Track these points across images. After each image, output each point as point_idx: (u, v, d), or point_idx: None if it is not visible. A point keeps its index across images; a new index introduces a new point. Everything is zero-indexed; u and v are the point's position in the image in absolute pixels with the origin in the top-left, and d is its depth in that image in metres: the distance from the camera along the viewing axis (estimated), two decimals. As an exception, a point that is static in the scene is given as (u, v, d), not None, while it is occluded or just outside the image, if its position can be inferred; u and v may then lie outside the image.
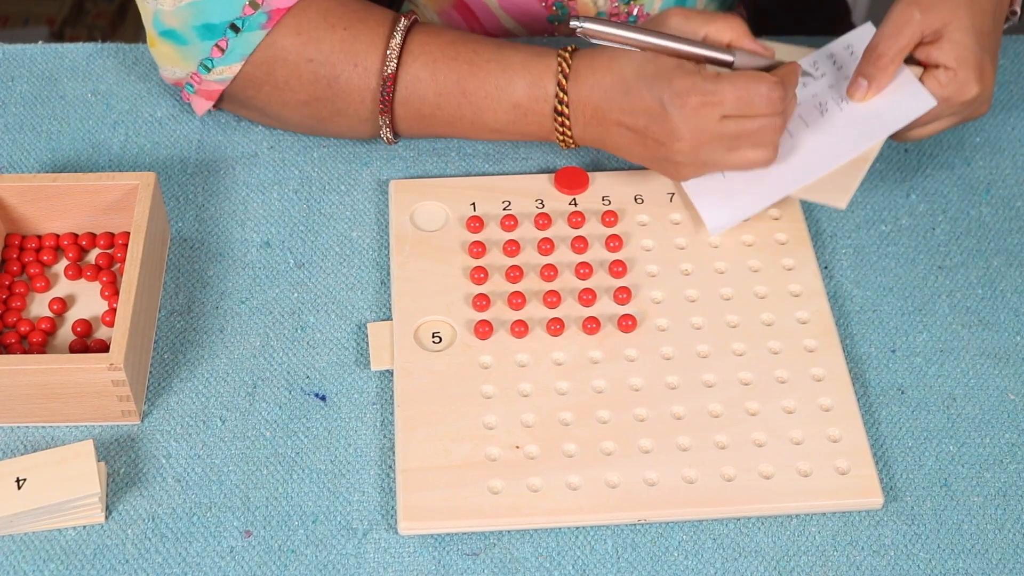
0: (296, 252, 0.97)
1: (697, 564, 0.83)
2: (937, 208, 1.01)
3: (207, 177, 1.01)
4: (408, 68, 0.94)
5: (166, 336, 0.92)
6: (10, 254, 0.95)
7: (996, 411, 0.90)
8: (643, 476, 0.84)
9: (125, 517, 0.84)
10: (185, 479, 0.85)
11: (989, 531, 0.84)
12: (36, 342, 0.90)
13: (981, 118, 1.07)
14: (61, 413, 0.86)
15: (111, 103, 1.06)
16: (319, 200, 1.00)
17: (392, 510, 0.84)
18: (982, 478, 0.87)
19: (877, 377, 0.92)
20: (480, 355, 0.90)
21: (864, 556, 0.83)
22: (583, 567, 0.82)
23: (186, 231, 0.98)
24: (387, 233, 0.98)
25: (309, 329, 0.93)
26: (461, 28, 1.15)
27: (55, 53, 1.10)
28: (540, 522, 0.83)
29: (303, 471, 0.86)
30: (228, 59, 0.94)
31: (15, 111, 1.05)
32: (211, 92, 0.97)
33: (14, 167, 1.02)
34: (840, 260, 0.98)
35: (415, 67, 0.94)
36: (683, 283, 0.94)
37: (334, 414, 0.89)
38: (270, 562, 0.82)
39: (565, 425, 0.86)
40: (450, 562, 0.82)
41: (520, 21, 1.13)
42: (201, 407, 0.89)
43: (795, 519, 0.85)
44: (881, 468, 0.87)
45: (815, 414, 0.87)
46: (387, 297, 0.95)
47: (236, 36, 0.93)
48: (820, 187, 0.94)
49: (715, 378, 0.89)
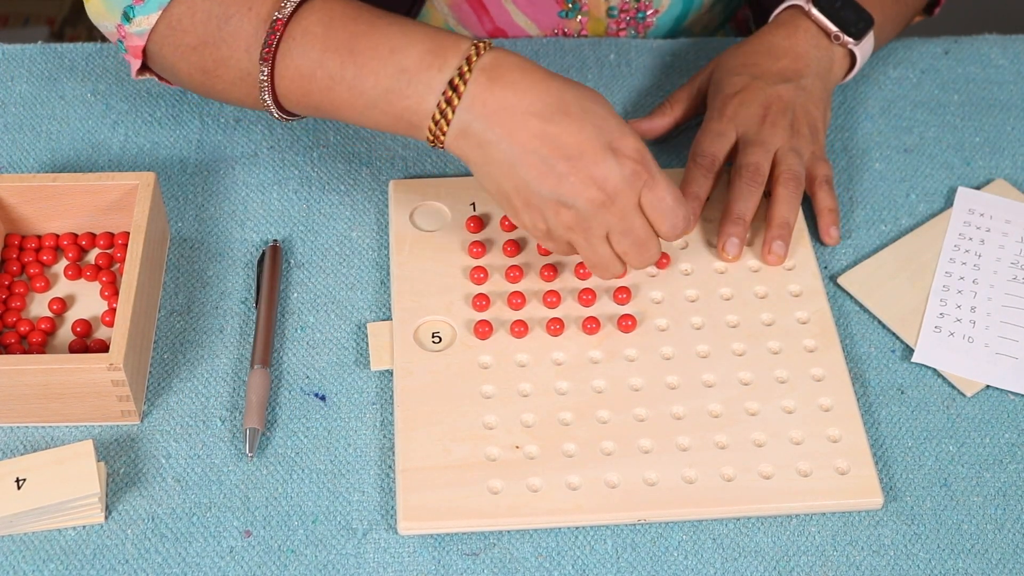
0: (296, 252, 0.97)
1: (697, 564, 0.83)
2: (937, 208, 1.01)
3: (207, 177, 1.01)
4: (301, 20, 0.86)
5: (166, 336, 0.92)
6: (10, 254, 0.95)
7: (996, 411, 0.90)
8: (643, 476, 0.84)
9: (125, 517, 0.84)
10: (185, 479, 0.85)
11: (989, 531, 0.84)
12: (36, 342, 0.90)
13: (981, 118, 1.07)
14: (61, 413, 0.86)
15: (111, 103, 1.06)
16: (319, 200, 1.00)
17: (392, 510, 0.84)
18: (982, 478, 0.87)
19: (877, 377, 0.91)
20: (480, 355, 0.90)
21: (864, 556, 0.83)
22: (583, 567, 0.82)
23: (186, 231, 0.98)
24: (387, 233, 0.98)
25: (309, 329, 0.93)
26: (472, 22, 1.15)
27: (55, 53, 1.10)
28: (540, 522, 0.83)
29: (303, 471, 0.86)
30: (147, 8, 0.89)
31: (15, 111, 1.05)
32: (135, 49, 0.92)
33: (14, 167, 1.02)
34: (840, 260, 0.98)
35: (310, 20, 0.86)
36: (683, 283, 0.94)
37: (334, 414, 0.89)
38: (270, 562, 0.82)
39: (565, 425, 0.86)
40: (450, 562, 0.82)
41: (531, 16, 1.13)
42: (201, 407, 0.89)
43: (795, 519, 0.85)
44: (881, 468, 0.87)
45: (815, 414, 0.87)
46: (387, 297, 0.95)
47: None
48: None
49: (715, 378, 0.89)
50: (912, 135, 1.06)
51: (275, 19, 0.85)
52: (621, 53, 1.12)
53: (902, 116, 1.08)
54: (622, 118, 0.86)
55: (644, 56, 1.12)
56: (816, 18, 1.01)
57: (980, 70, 1.11)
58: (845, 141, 1.06)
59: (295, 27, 0.86)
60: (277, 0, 0.86)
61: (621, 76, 1.10)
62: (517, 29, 1.14)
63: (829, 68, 1.01)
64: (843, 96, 1.09)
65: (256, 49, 0.86)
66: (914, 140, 1.06)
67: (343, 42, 0.85)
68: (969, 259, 0.97)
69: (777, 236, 0.94)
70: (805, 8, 1.01)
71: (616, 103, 1.08)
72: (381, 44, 0.84)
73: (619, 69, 1.10)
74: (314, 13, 0.86)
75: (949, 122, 1.07)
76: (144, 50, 0.92)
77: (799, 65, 1.00)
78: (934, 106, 1.09)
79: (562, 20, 1.13)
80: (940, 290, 0.95)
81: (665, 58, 1.11)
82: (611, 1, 1.12)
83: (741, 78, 0.99)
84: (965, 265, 0.97)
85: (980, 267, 0.96)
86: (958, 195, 1.01)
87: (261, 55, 0.86)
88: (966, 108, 1.08)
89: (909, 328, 0.93)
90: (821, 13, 1.01)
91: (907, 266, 0.97)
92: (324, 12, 0.86)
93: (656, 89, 1.09)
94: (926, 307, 0.94)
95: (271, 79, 0.87)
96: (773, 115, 0.97)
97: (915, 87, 1.10)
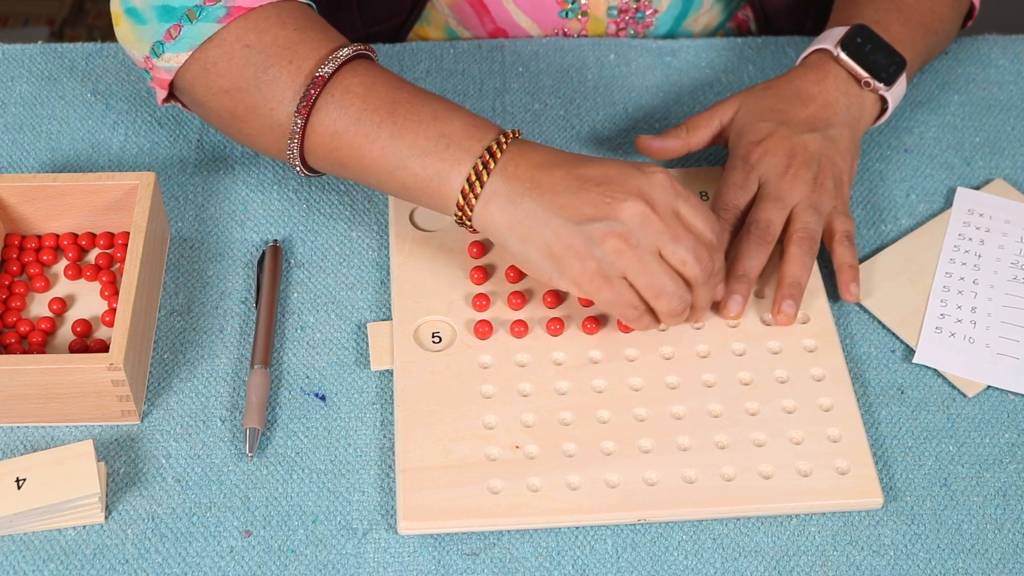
0: (296, 252, 0.97)
1: (697, 564, 0.83)
2: (937, 208, 1.01)
3: (207, 177, 1.01)
4: (342, 79, 0.87)
5: (166, 336, 0.92)
6: (10, 254, 0.95)
7: (996, 411, 0.90)
8: (643, 476, 0.84)
9: (125, 517, 0.84)
10: (185, 479, 0.85)
11: (989, 531, 0.84)
12: (36, 342, 0.90)
13: (981, 118, 1.07)
14: (61, 413, 0.86)
15: (111, 103, 1.06)
16: (319, 200, 1.00)
17: (392, 510, 0.84)
18: (982, 478, 0.87)
19: (877, 377, 0.91)
20: (480, 355, 0.90)
21: (864, 556, 0.83)
22: (583, 567, 0.82)
23: (186, 231, 0.98)
24: (387, 233, 0.98)
25: (309, 329, 0.93)
26: (473, 23, 1.15)
27: (55, 53, 1.10)
28: (540, 522, 0.83)
29: (303, 471, 0.86)
30: (177, 46, 0.90)
31: (15, 111, 1.05)
32: (162, 81, 0.93)
33: (14, 167, 1.02)
34: (840, 260, 0.98)
35: (352, 81, 0.87)
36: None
37: (334, 414, 0.89)
38: (270, 562, 0.82)
39: (565, 425, 0.86)
40: (450, 562, 0.82)
41: (531, 16, 1.13)
42: (201, 407, 0.89)
43: (795, 519, 0.85)
44: (881, 468, 0.87)
45: (815, 414, 0.87)
46: (387, 297, 0.95)
47: (191, 24, 0.89)
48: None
49: (715, 378, 0.89)
50: (912, 135, 1.06)
51: (317, 76, 0.87)
52: (621, 53, 1.12)
53: (902, 116, 1.08)
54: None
55: (644, 56, 1.12)
56: (845, 63, 0.97)
57: (980, 70, 1.11)
58: (845, 141, 1.06)
59: (335, 85, 0.87)
60: (320, 58, 0.88)
61: (621, 76, 1.10)
62: (518, 29, 1.14)
63: (859, 116, 0.98)
64: (843, 96, 1.09)
65: (292, 102, 0.88)
66: (914, 140, 1.06)
67: (384, 105, 0.86)
68: (969, 259, 0.97)
69: (788, 296, 0.91)
70: (833, 53, 0.98)
71: (616, 103, 1.08)
72: (424, 111, 0.86)
73: (619, 69, 1.11)
74: (357, 75, 0.88)
75: (949, 122, 1.07)
76: (171, 83, 0.93)
77: (827, 113, 0.97)
78: (934, 106, 1.09)
79: (563, 20, 1.13)
80: (940, 291, 0.95)
81: (665, 58, 1.11)
82: (611, 1, 1.12)
83: (767, 124, 0.96)
84: (965, 265, 0.97)
85: (980, 267, 0.96)
86: (958, 195, 1.01)
87: (298, 108, 0.87)
88: (966, 108, 1.08)
89: (910, 329, 0.93)
90: (850, 58, 0.97)
91: (907, 267, 0.97)
92: (367, 75, 0.88)
93: (656, 89, 1.09)
94: (926, 308, 0.94)
95: (302, 133, 0.88)
96: (796, 167, 0.94)
97: (915, 87, 1.10)
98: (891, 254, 0.98)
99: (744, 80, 1.10)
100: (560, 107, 1.08)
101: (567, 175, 0.83)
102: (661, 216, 0.83)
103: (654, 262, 0.83)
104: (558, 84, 1.09)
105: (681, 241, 0.83)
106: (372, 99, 0.87)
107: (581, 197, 0.82)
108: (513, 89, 1.09)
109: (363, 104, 0.87)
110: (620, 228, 0.82)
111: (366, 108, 0.86)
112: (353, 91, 0.87)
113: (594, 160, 0.85)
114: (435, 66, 1.10)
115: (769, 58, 1.12)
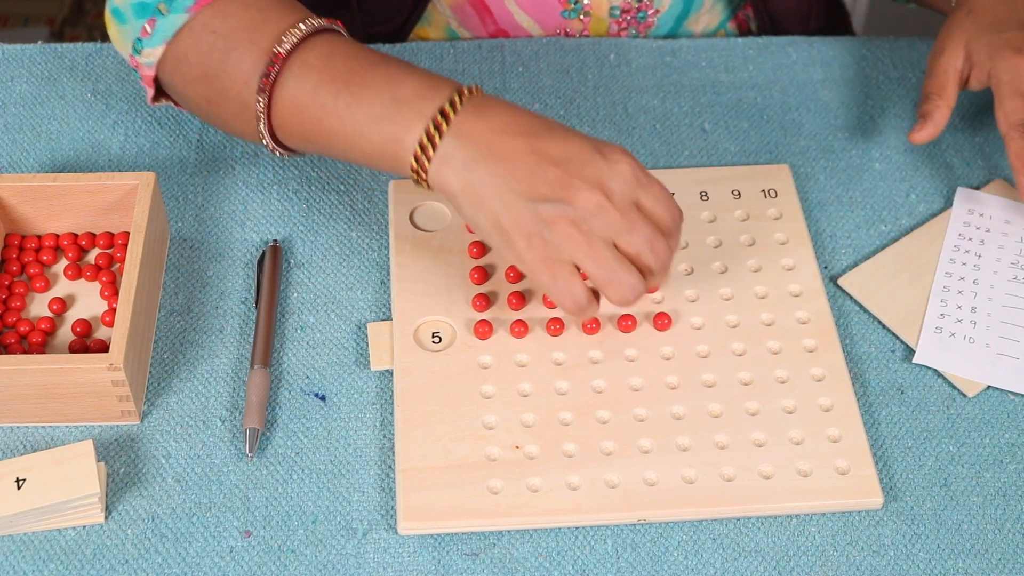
0: (296, 252, 0.97)
1: (697, 564, 0.83)
2: (937, 208, 1.01)
3: (207, 177, 1.01)
4: (301, 54, 0.87)
5: (166, 336, 0.92)
6: (10, 254, 0.95)
7: (996, 411, 0.90)
8: (643, 476, 0.84)
9: (125, 517, 0.84)
10: (185, 479, 0.85)
11: (989, 531, 0.84)
12: (36, 342, 0.90)
13: (980, 117, 1.07)
14: (61, 413, 0.86)
15: (111, 103, 1.06)
16: (319, 200, 1.00)
17: (392, 510, 0.84)
18: (982, 478, 0.87)
19: (877, 377, 0.91)
20: (480, 355, 0.90)
21: (864, 556, 0.83)
22: (583, 567, 0.82)
23: (186, 231, 0.98)
24: (387, 233, 0.98)
25: (309, 329, 0.93)
26: (474, 24, 1.15)
27: (55, 53, 1.10)
28: (540, 522, 0.83)
29: (303, 471, 0.86)
30: (153, 41, 0.90)
31: (15, 111, 1.05)
32: (147, 78, 0.93)
33: (14, 167, 1.02)
34: (840, 260, 0.98)
35: (310, 55, 0.87)
36: (683, 283, 0.94)
37: (334, 414, 0.89)
38: (270, 562, 0.82)
39: (565, 425, 0.86)
40: (450, 562, 0.82)
41: (533, 16, 1.13)
42: (201, 407, 0.89)
43: (795, 519, 0.85)
44: (881, 468, 0.87)
45: (815, 414, 0.87)
46: (387, 297, 0.95)
47: (163, 17, 0.90)
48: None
49: (715, 378, 0.89)
50: (912, 135, 1.06)
51: (275, 52, 0.86)
52: (621, 53, 1.12)
53: (902, 116, 1.08)
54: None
55: (644, 56, 1.12)
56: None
57: (980, 70, 1.11)
58: (845, 141, 1.06)
59: (294, 60, 0.87)
60: (279, 35, 0.87)
61: (621, 76, 1.10)
62: (520, 30, 1.14)
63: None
64: (843, 95, 1.09)
65: (255, 81, 0.87)
66: (914, 140, 1.06)
67: (340, 74, 0.85)
68: (969, 259, 0.97)
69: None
70: None
71: (616, 103, 1.08)
72: (378, 77, 0.85)
73: (619, 69, 1.11)
74: (315, 49, 0.87)
75: (949, 122, 1.07)
76: (156, 79, 0.93)
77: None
78: (934, 106, 1.09)
79: (565, 20, 1.13)
80: (940, 291, 0.95)
81: (665, 58, 1.11)
82: (614, 1, 1.12)
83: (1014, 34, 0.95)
84: (965, 265, 0.97)
85: (980, 267, 0.96)
86: (957, 195, 1.01)
87: (259, 86, 0.87)
88: (966, 108, 1.08)
89: (910, 329, 0.93)
90: None
91: (907, 267, 0.97)
92: (325, 48, 0.87)
93: (656, 89, 1.09)
94: (926, 308, 0.94)
95: (268, 111, 0.87)
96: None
97: (915, 87, 1.10)
98: (891, 254, 0.98)
99: (744, 80, 1.10)
100: (560, 107, 1.08)
101: (527, 147, 0.81)
102: (618, 207, 0.81)
103: (605, 249, 0.81)
104: (558, 84, 1.09)
105: (637, 232, 0.82)
106: (329, 70, 0.86)
107: (538, 175, 0.81)
108: (513, 89, 1.09)
109: (319, 76, 0.86)
110: (573, 213, 0.80)
111: (323, 80, 0.86)
112: (311, 64, 0.86)
113: (557, 132, 0.82)
114: (435, 66, 1.10)
115: (770, 58, 1.12)
